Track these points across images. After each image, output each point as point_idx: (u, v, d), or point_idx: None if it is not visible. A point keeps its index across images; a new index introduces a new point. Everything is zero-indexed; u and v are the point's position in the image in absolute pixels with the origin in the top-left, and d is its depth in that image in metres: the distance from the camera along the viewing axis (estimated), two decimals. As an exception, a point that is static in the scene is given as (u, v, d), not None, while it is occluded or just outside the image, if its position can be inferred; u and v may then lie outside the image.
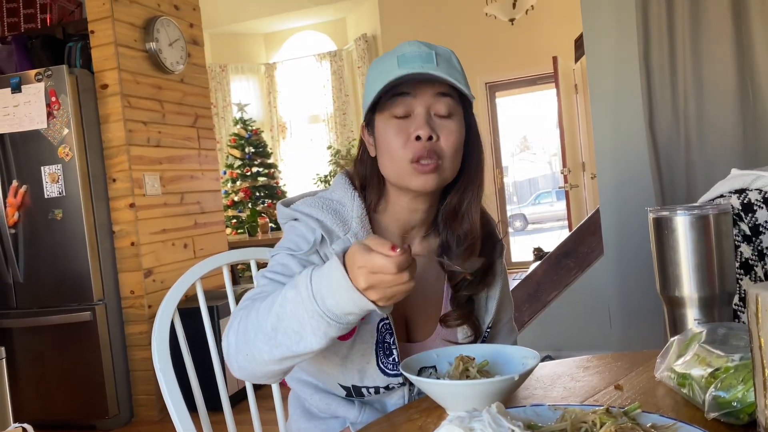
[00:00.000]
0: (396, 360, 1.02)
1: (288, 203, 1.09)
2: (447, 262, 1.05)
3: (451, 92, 1.01)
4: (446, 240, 1.08)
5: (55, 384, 3.20)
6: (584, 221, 3.54)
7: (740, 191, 1.30)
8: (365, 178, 1.09)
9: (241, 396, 3.10)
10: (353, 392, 1.04)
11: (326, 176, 7.26)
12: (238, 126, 7.09)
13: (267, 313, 0.85)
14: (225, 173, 6.99)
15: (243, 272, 5.52)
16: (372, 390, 1.04)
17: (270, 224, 5.93)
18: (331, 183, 1.12)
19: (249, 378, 0.93)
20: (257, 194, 6.96)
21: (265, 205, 6.86)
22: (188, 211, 3.64)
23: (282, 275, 0.99)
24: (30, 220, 3.18)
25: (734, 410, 0.71)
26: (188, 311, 1.57)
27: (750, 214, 1.27)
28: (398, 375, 1.02)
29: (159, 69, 3.48)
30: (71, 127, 3.08)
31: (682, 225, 0.93)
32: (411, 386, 1.05)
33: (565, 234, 4.03)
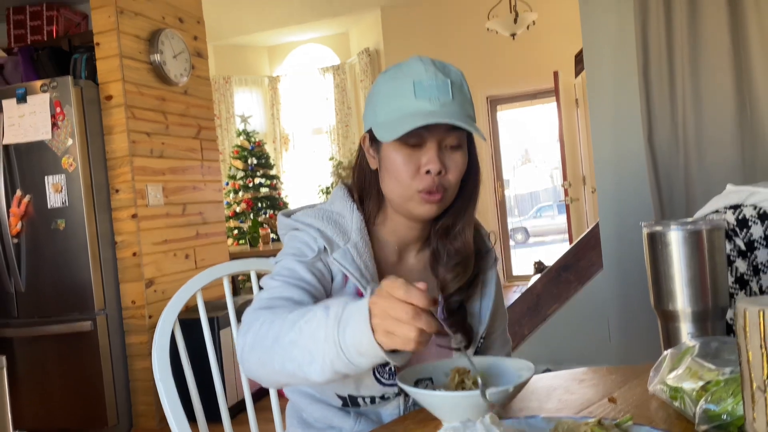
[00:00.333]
0: (392, 369, 1.03)
1: (288, 214, 1.11)
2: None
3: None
4: (438, 249, 1.10)
5: (56, 393, 3.20)
6: (584, 235, 3.55)
7: (735, 207, 1.32)
8: (364, 190, 1.10)
9: (241, 407, 3.10)
10: (349, 402, 1.05)
11: (327, 188, 7.28)
12: (241, 137, 7.12)
13: (291, 326, 0.84)
14: (227, 184, 7.02)
15: (244, 283, 5.53)
16: (368, 399, 1.05)
17: (271, 235, 5.94)
18: (330, 195, 1.14)
19: (256, 379, 0.93)
20: (259, 205, 6.98)
21: (267, 216, 6.87)
22: (190, 222, 3.66)
23: (291, 278, 0.99)
24: (33, 230, 3.20)
25: (724, 423, 0.72)
26: (189, 322, 1.59)
27: (745, 230, 1.28)
28: (394, 384, 1.03)
29: (163, 81, 3.51)
30: (75, 138, 3.11)
31: (676, 240, 0.95)
32: (407, 397, 1.06)
33: (566, 247, 4.03)
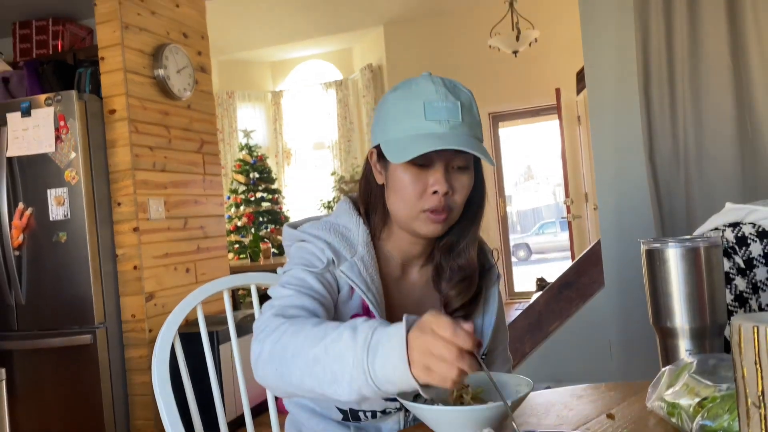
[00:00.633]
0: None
1: (295, 226, 1.11)
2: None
3: None
4: (441, 266, 1.11)
5: (54, 406, 3.19)
6: (585, 252, 3.55)
7: (734, 225, 1.32)
8: (369, 204, 1.10)
9: (240, 422, 3.08)
10: (350, 416, 1.05)
11: (329, 202, 7.30)
12: (244, 152, 7.15)
13: (315, 342, 0.82)
14: (229, 198, 7.03)
15: (244, 297, 5.52)
16: (369, 414, 1.05)
17: (272, 250, 5.94)
18: (335, 208, 1.14)
19: (267, 387, 0.92)
20: (260, 219, 6.99)
21: (268, 231, 6.88)
22: (191, 236, 3.67)
23: (303, 287, 0.99)
24: (34, 243, 3.21)
25: (721, 440, 0.72)
26: (189, 336, 1.58)
27: (744, 248, 1.28)
28: (394, 399, 1.03)
29: (166, 95, 3.54)
30: (78, 151, 3.13)
31: (674, 257, 0.95)
32: (407, 412, 1.06)
33: (569, 264, 4.03)
